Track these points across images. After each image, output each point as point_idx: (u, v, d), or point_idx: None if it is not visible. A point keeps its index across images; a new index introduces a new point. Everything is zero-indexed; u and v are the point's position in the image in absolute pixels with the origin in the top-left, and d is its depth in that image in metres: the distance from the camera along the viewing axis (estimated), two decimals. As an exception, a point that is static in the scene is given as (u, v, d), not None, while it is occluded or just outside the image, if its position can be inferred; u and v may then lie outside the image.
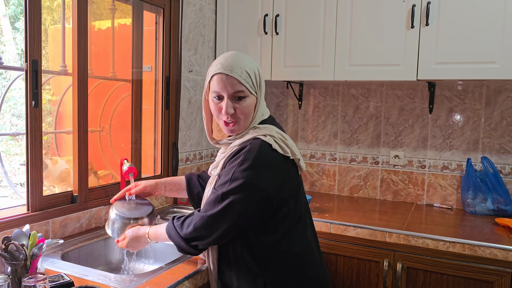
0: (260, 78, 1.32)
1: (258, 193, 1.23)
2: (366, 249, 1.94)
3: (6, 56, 3.23)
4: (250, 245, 1.29)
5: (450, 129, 2.36)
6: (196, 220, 1.26)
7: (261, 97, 1.33)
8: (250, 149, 1.24)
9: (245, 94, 1.28)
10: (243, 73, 1.26)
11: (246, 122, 1.31)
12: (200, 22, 2.45)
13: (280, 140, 1.28)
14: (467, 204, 2.24)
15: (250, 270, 1.29)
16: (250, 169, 1.21)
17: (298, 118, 2.73)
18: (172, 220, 1.34)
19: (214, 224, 1.24)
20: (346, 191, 2.63)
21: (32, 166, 1.55)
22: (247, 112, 1.29)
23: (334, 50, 2.23)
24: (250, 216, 1.25)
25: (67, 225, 1.70)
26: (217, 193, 1.24)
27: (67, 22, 1.90)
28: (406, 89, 2.45)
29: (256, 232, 1.28)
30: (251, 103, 1.29)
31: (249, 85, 1.27)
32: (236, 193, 1.21)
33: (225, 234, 1.25)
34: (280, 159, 1.27)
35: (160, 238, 1.39)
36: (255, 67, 1.31)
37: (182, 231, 1.28)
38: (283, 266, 1.30)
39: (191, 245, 1.28)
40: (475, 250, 1.75)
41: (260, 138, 1.26)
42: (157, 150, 2.26)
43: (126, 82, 2.18)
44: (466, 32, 1.97)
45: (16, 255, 1.13)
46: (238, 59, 1.28)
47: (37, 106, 1.54)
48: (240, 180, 1.21)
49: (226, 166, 1.28)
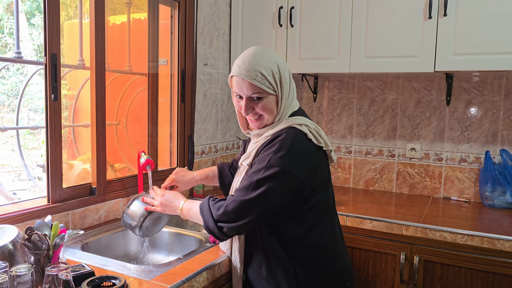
0: (280, 74, 1.30)
1: (293, 181, 1.23)
2: (382, 242, 1.93)
3: (22, 51, 3.28)
4: (280, 235, 1.30)
5: (468, 121, 2.33)
6: (228, 202, 1.26)
7: (284, 93, 1.31)
8: (286, 137, 1.25)
9: (262, 95, 1.28)
10: (257, 75, 1.26)
11: (270, 117, 1.32)
12: (215, 15, 2.44)
13: (314, 130, 1.30)
14: (485, 197, 2.21)
15: (280, 260, 1.30)
16: (286, 156, 1.22)
17: (313, 111, 2.72)
18: (208, 198, 1.34)
19: (246, 209, 1.23)
20: (362, 184, 2.61)
21: (52, 159, 1.57)
22: (268, 109, 1.30)
23: (349, 42, 2.21)
24: (282, 204, 1.25)
25: (86, 216, 1.73)
26: (251, 179, 1.24)
27: (83, 17, 1.92)
28: (423, 81, 2.42)
29: (285, 221, 1.29)
30: (270, 102, 1.30)
31: (265, 86, 1.27)
32: (272, 180, 1.22)
33: (254, 221, 1.25)
34: (314, 148, 1.28)
35: (190, 212, 1.37)
36: (274, 64, 1.29)
37: (214, 210, 1.28)
38: (312, 256, 1.31)
39: (218, 226, 1.27)
40: (494, 243, 1.73)
41: (296, 127, 1.27)
42: (173, 143, 2.28)
43: (142, 76, 2.20)
44: (484, 22, 1.93)
45: (39, 245, 1.15)
46: (254, 60, 1.27)
47: (56, 100, 1.56)
48: (276, 167, 1.22)
49: (260, 154, 1.28)
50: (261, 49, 1.32)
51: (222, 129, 2.59)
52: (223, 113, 2.59)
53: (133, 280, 1.23)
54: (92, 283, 1.12)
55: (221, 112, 2.57)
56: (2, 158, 3.37)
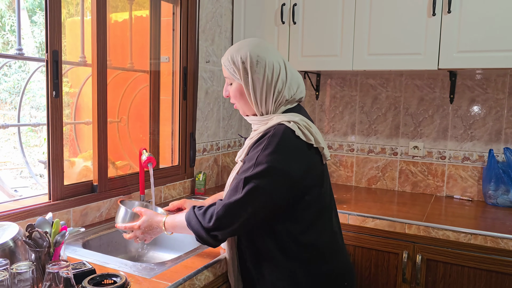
0: (250, 64, 1.27)
1: (282, 178, 1.22)
2: (385, 240, 1.92)
3: (24, 49, 3.27)
4: (277, 235, 1.28)
5: (472, 119, 2.31)
6: (218, 209, 1.23)
7: (250, 83, 1.28)
8: (274, 134, 1.23)
9: (230, 81, 1.36)
10: (226, 60, 1.33)
11: (243, 106, 1.37)
12: (217, 12, 2.43)
13: (304, 127, 1.26)
14: (489, 196, 2.20)
15: (277, 260, 1.28)
16: (274, 153, 1.21)
17: (315, 109, 2.71)
18: (193, 209, 1.31)
19: (236, 211, 1.21)
20: (364, 183, 2.60)
21: (53, 156, 1.57)
22: (234, 95, 1.36)
23: (352, 39, 2.20)
24: (273, 202, 1.23)
25: (88, 214, 1.72)
26: (239, 178, 1.23)
27: (84, 14, 1.91)
28: (426, 78, 2.41)
29: (281, 221, 1.27)
30: (236, 88, 1.34)
31: (230, 72, 1.33)
32: (260, 177, 1.20)
33: (246, 222, 1.23)
34: (303, 145, 1.26)
35: (177, 227, 1.35)
36: (245, 53, 1.28)
37: (204, 220, 1.25)
38: (310, 256, 1.29)
39: (211, 235, 1.25)
40: (498, 242, 1.72)
41: (284, 124, 1.25)
42: (174, 140, 2.27)
43: (143, 73, 2.19)
44: (489, 19, 1.91)
45: (39, 242, 1.15)
46: (233, 47, 1.34)
47: (57, 96, 1.55)
48: (264, 164, 1.20)
49: (250, 152, 1.27)
50: (250, 39, 1.37)
51: (224, 126, 2.58)
52: (225, 110, 2.58)
53: (134, 278, 1.23)
54: (93, 280, 1.12)
55: (223, 109, 2.56)
56: (4, 156, 3.38)
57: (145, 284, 1.20)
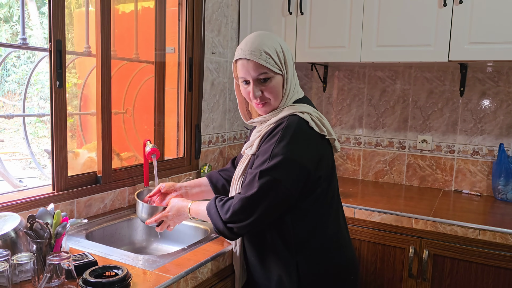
0: (284, 54, 1.28)
1: (298, 169, 1.20)
2: (391, 235, 1.90)
3: (33, 40, 3.27)
4: (283, 228, 1.27)
5: (482, 113, 2.27)
6: (235, 202, 1.21)
7: (288, 73, 1.29)
8: (288, 125, 1.22)
9: (269, 75, 1.26)
10: (262, 54, 1.24)
11: (276, 101, 1.30)
12: (223, 2, 2.40)
13: (317, 118, 1.26)
14: (498, 191, 2.16)
15: (280, 253, 1.28)
16: (290, 144, 1.19)
17: (322, 101, 2.67)
18: (214, 199, 1.29)
19: (253, 204, 1.19)
20: (371, 176, 2.57)
21: (57, 146, 1.56)
22: (275, 92, 1.28)
23: (361, 30, 2.16)
24: (290, 194, 1.21)
25: (92, 205, 1.72)
26: (255, 172, 1.20)
27: (91, 5, 1.89)
28: (436, 71, 2.36)
29: (289, 213, 1.26)
30: (278, 83, 1.28)
31: (271, 65, 1.25)
32: (277, 169, 1.18)
33: (264, 216, 1.20)
34: (317, 136, 1.25)
35: (200, 215, 1.33)
36: (277, 44, 1.27)
37: (222, 212, 1.23)
38: (315, 250, 1.28)
39: (227, 227, 1.23)
40: (507, 238, 1.68)
41: (298, 114, 1.24)
42: (180, 132, 2.25)
43: (149, 64, 2.17)
44: (501, 11, 1.86)
45: (40, 233, 1.14)
46: (257, 41, 1.26)
47: (61, 87, 1.54)
48: (280, 156, 1.18)
49: (263, 145, 1.25)
50: (261, 32, 1.31)
51: (229, 118, 2.56)
52: (231, 102, 2.56)
53: (136, 270, 1.22)
54: (94, 272, 1.11)
55: (229, 101, 2.54)
56: (13, 146, 3.39)
57: (148, 276, 1.19)
